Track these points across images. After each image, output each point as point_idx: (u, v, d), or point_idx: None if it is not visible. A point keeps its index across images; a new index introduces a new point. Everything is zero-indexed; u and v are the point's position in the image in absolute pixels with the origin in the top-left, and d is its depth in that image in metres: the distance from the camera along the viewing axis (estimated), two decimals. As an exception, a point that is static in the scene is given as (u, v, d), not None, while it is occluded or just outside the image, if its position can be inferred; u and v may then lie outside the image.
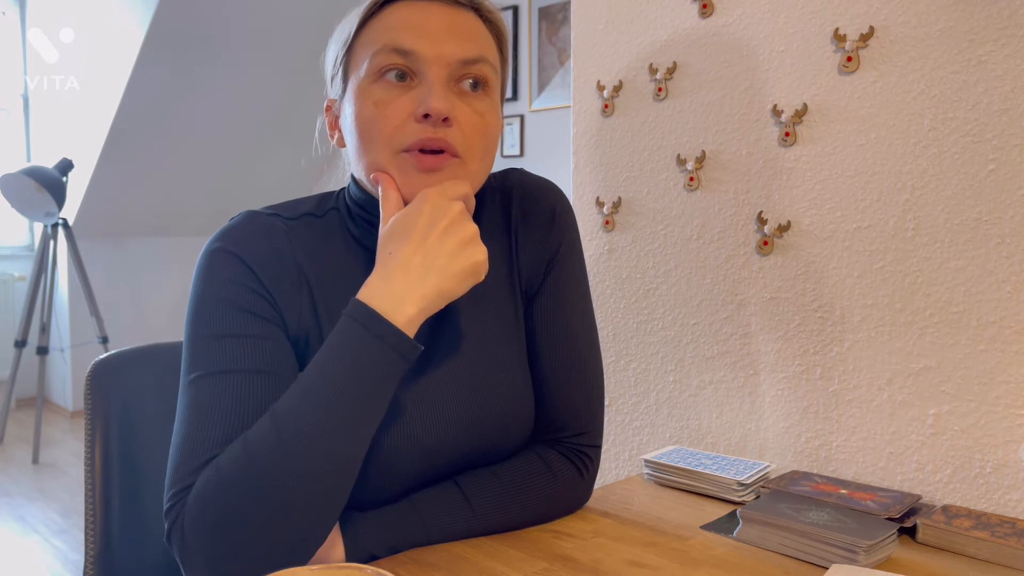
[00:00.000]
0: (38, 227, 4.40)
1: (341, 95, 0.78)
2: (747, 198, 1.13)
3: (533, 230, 0.86)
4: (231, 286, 0.72)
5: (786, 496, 0.89)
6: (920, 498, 0.92)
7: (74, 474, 3.35)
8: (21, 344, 3.62)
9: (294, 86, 4.02)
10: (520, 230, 0.86)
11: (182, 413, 0.70)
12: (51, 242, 3.60)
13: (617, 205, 1.29)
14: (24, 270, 4.49)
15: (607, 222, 1.31)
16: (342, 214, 0.82)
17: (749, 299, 1.14)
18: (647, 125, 1.25)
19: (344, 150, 0.80)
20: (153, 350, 0.95)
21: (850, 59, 1.01)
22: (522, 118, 3.67)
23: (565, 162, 1.50)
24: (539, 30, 3.59)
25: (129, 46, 3.54)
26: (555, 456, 0.83)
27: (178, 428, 0.70)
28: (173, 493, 0.67)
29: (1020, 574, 0.76)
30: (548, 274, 0.85)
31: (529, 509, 0.82)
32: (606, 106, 1.30)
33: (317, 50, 0.84)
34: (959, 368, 0.94)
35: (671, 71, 1.20)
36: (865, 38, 1.00)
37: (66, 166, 3.50)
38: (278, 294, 0.74)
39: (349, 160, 0.79)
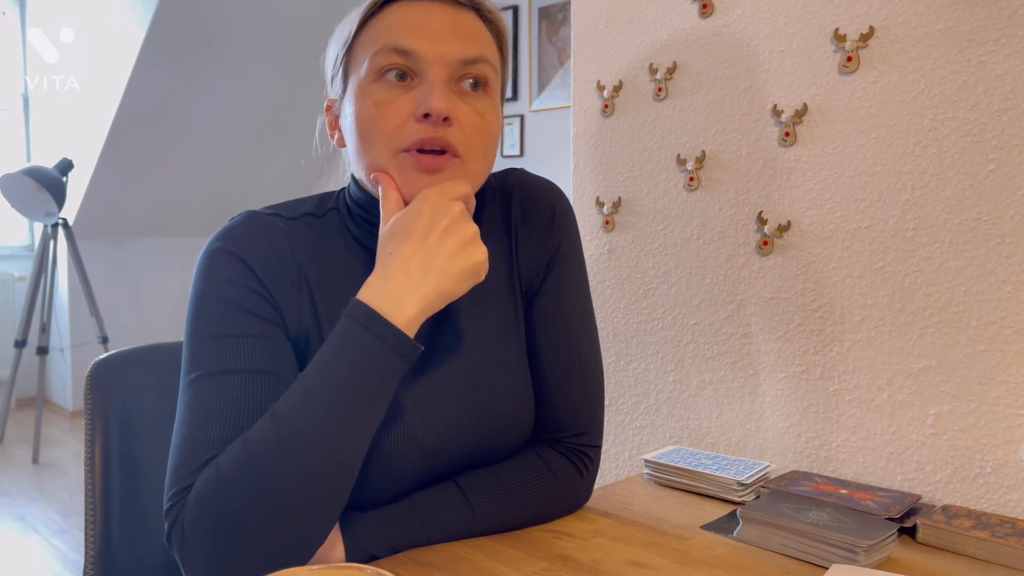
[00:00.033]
0: (38, 227, 4.40)
1: (341, 95, 0.78)
2: (747, 198, 1.13)
3: (533, 230, 0.86)
4: (231, 286, 0.72)
5: (786, 496, 0.89)
6: (920, 498, 0.92)
7: (74, 474, 3.35)
8: (21, 344, 3.62)
9: (294, 86, 4.02)
10: (520, 230, 0.86)
11: (182, 413, 0.70)
12: (51, 242, 3.60)
13: (617, 205, 1.29)
14: (24, 270, 4.49)
15: (607, 222, 1.31)
16: (342, 214, 0.82)
17: (749, 299, 1.14)
18: (647, 125, 1.25)
19: (344, 150, 0.80)
20: (153, 350, 0.95)
21: (850, 59, 1.01)
22: (522, 118, 3.67)
23: (565, 162, 1.50)
24: (539, 30, 3.59)
25: (129, 46, 3.54)
26: (555, 456, 0.83)
27: (178, 428, 0.70)
28: (173, 493, 0.67)
29: (1020, 574, 0.76)
30: (548, 274, 0.85)
31: (529, 509, 0.82)
32: (606, 106, 1.30)
33: (317, 50, 0.84)
34: (959, 368, 0.94)
35: (671, 71, 1.20)
36: (865, 38, 1.00)
37: (66, 166, 3.51)
38: (278, 294, 0.74)
39: (349, 160, 0.79)
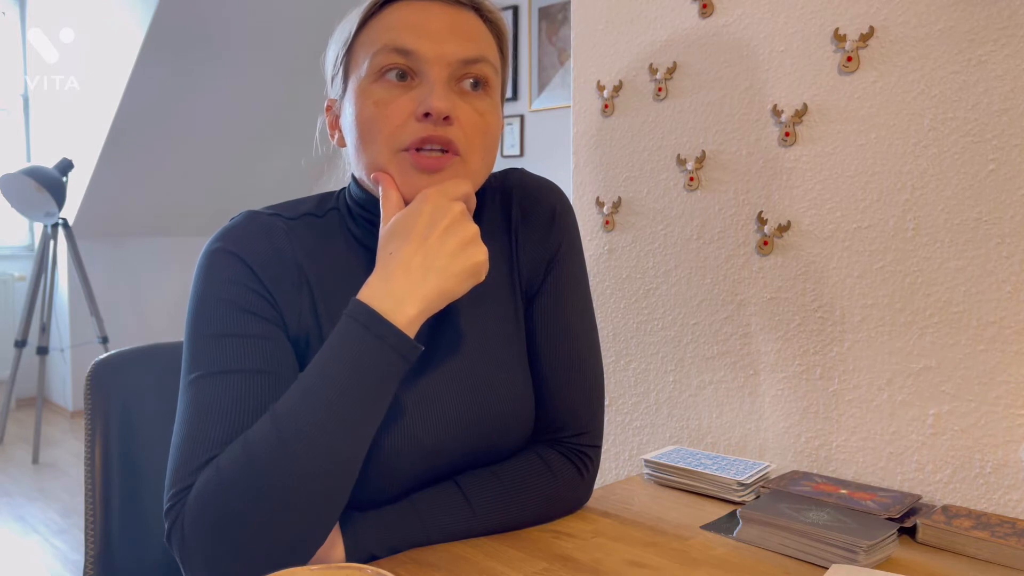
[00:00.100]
0: (38, 227, 4.40)
1: (341, 95, 0.78)
2: (747, 198, 1.13)
3: (533, 230, 0.86)
4: (231, 286, 0.72)
5: (786, 496, 0.89)
6: (920, 498, 0.92)
7: (74, 474, 3.35)
8: (21, 344, 3.62)
9: (294, 86, 4.02)
10: (520, 230, 0.86)
11: (182, 413, 0.70)
12: (51, 242, 3.60)
13: (617, 205, 1.29)
14: (24, 270, 4.49)
15: (607, 222, 1.31)
16: (342, 214, 0.82)
17: (749, 299, 1.14)
18: (647, 125, 1.25)
19: (344, 150, 0.80)
20: (153, 350, 0.95)
21: (850, 59, 1.01)
22: (522, 118, 3.67)
23: (565, 162, 1.50)
24: (539, 30, 3.59)
25: (129, 46, 3.54)
26: (555, 456, 0.83)
27: (178, 428, 0.70)
28: (173, 493, 0.67)
29: (1020, 574, 0.76)
30: (548, 274, 0.85)
31: (529, 509, 0.82)
32: (606, 106, 1.30)
33: (317, 50, 0.85)
34: (959, 368, 0.94)
35: (671, 71, 1.20)
36: (865, 38, 1.00)
37: (66, 166, 3.51)
38: (278, 294, 0.74)
39: (349, 160, 0.79)
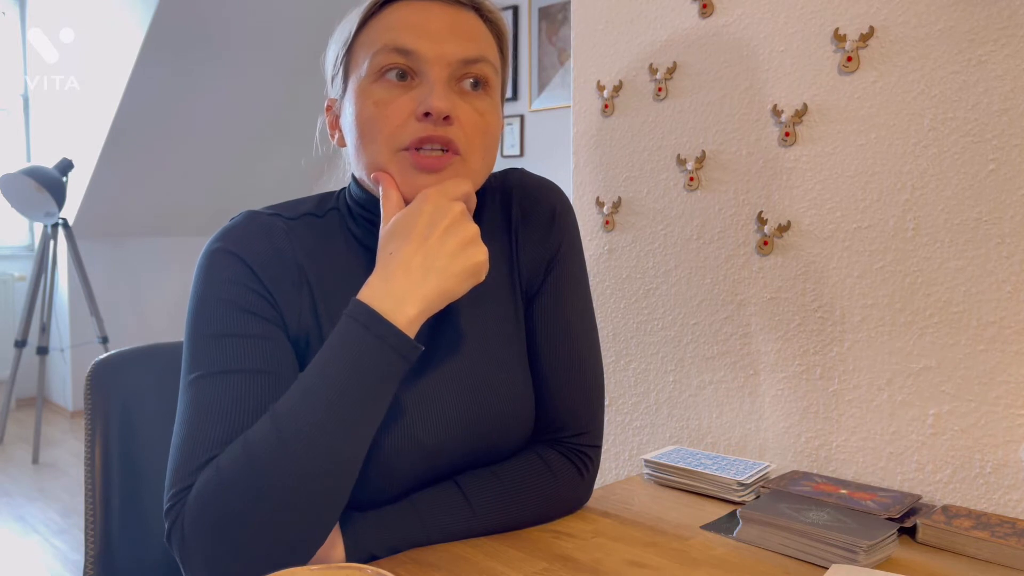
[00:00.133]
0: (38, 227, 4.40)
1: (341, 95, 0.78)
2: (747, 198, 1.13)
3: (533, 230, 0.86)
4: (231, 286, 0.72)
5: (786, 496, 0.89)
6: (920, 498, 0.92)
7: (74, 474, 3.35)
8: (21, 344, 3.62)
9: (294, 86, 4.02)
10: (520, 230, 0.86)
11: (182, 413, 0.70)
12: (51, 242, 3.60)
13: (617, 205, 1.29)
14: (24, 270, 4.49)
15: (607, 222, 1.31)
16: (343, 214, 0.82)
17: (749, 299, 1.14)
18: (647, 125, 1.25)
19: (344, 150, 0.80)
20: (153, 350, 0.95)
21: (850, 59, 1.01)
22: (522, 118, 3.67)
23: (565, 162, 1.50)
24: (539, 30, 3.59)
25: (129, 46, 3.54)
26: (555, 456, 0.83)
27: (178, 428, 0.70)
28: (173, 493, 0.67)
29: (1020, 574, 0.76)
30: (548, 274, 0.85)
31: (529, 509, 0.81)
32: (606, 106, 1.30)
33: (317, 50, 0.84)
34: (959, 368, 0.94)
35: (671, 71, 1.20)
36: (865, 38, 1.00)
37: (66, 166, 3.50)
38: (278, 294, 0.74)
39: (349, 160, 0.79)
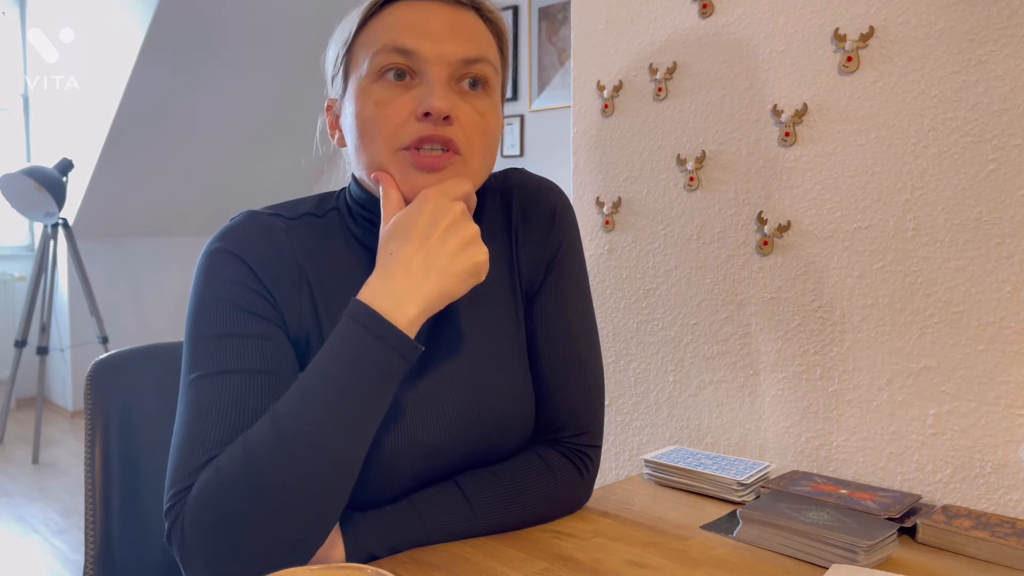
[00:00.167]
0: (38, 227, 4.40)
1: (342, 95, 0.78)
2: (747, 198, 1.13)
3: (533, 230, 0.86)
4: (231, 286, 0.72)
5: (786, 496, 0.89)
6: (920, 498, 0.92)
7: (74, 474, 3.35)
8: (21, 344, 3.62)
9: (294, 86, 4.02)
10: (520, 230, 0.86)
11: (182, 413, 0.70)
12: (51, 242, 3.60)
13: (617, 205, 1.29)
14: (24, 270, 4.49)
15: (607, 222, 1.31)
16: (343, 214, 0.82)
17: (749, 299, 1.14)
18: (647, 125, 1.25)
19: (345, 150, 0.80)
20: (153, 350, 0.95)
21: (850, 59, 1.01)
22: (522, 118, 3.67)
23: (565, 162, 1.50)
24: (539, 30, 3.59)
25: (129, 46, 3.54)
26: (555, 456, 0.83)
27: (178, 428, 0.70)
28: (173, 493, 0.67)
29: (1020, 574, 0.76)
30: (548, 274, 0.85)
31: (529, 509, 0.82)
32: (606, 106, 1.30)
33: (317, 50, 0.85)
34: (959, 368, 0.94)
35: (671, 71, 1.20)
36: (865, 38, 1.00)
37: (66, 166, 3.50)
38: (278, 294, 0.74)
39: (350, 160, 0.79)
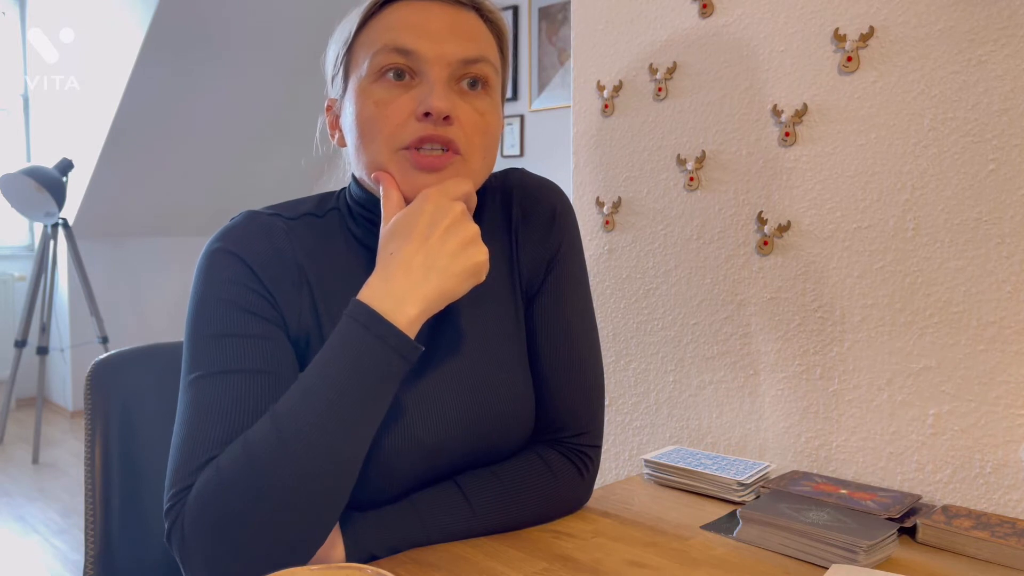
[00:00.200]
0: (38, 227, 4.40)
1: (342, 95, 0.78)
2: (747, 198, 1.13)
3: (534, 230, 0.86)
4: (232, 286, 0.72)
5: (786, 496, 0.89)
6: (920, 498, 0.92)
7: (74, 474, 3.35)
8: (21, 344, 3.62)
9: (294, 86, 4.02)
10: (521, 230, 0.86)
11: (182, 413, 0.70)
12: (51, 242, 3.60)
13: (617, 205, 1.29)
14: (24, 270, 4.49)
15: (607, 222, 1.31)
16: (343, 214, 0.82)
17: (749, 299, 1.14)
18: (647, 125, 1.25)
19: (345, 150, 0.80)
20: (153, 350, 0.95)
21: (850, 59, 1.01)
22: (522, 118, 3.67)
23: (565, 162, 1.50)
24: (539, 30, 3.59)
25: (129, 46, 3.54)
26: (555, 456, 0.83)
27: (178, 428, 0.70)
28: (173, 493, 0.67)
29: (1020, 574, 0.76)
30: (549, 274, 0.85)
31: (529, 509, 0.82)
32: (606, 106, 1.30)
33: (317, 50, 0.85)
34: (959, 368, 0.94)
35: (671, 71, 1.20)
36: (865, 38, 1.00)
37: (66, 166, 3.50)
38: (279, 294, 0.74)
39: (350, 160, 0.79)
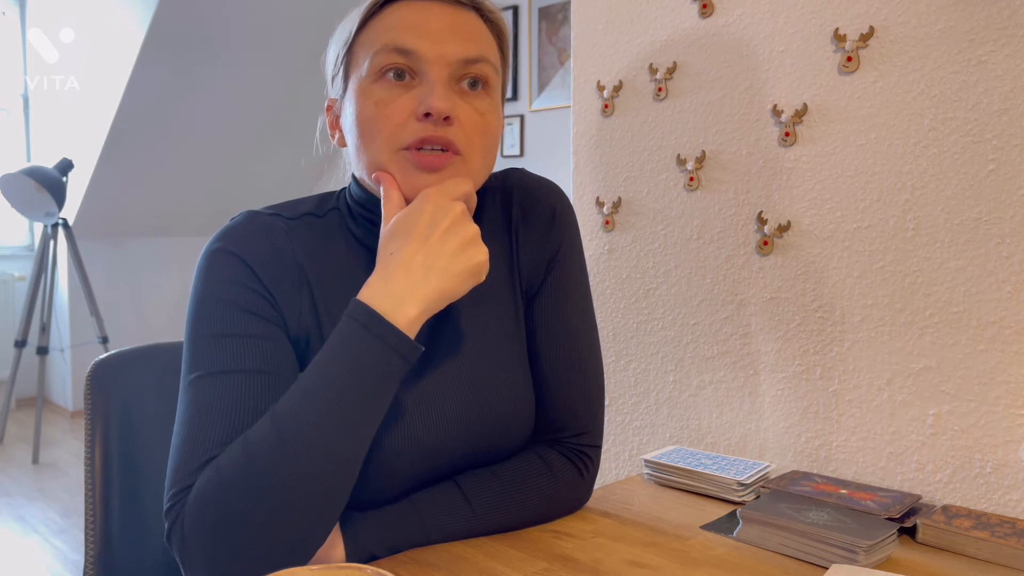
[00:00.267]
0: (38, 227, 4.40)
1: (342, 95, 0.78)
2: (747, 198, 1.13)
3: (534, 230, 0.86)
4: (232, 286, 0.72)
5: (786, 496, 0.89)
6: (920, 498, 0.92)
7: (74, 474, 3.35)
8: (21, 344, 3.62)
9: (294, 86, 4.02)
10: (521, 230, 0.86)
11: (182, 413, 0.70)
12: (51, 242, 3.60)
13: (617, 205, 1.29)
14: (24, 270, 4.49)
15: (607, 222, 1.31)
16: (343, 214, 0.82)
17: (749, 299, 1.14)
18: (647, 125, 1.25)
19: (345, 150, 0.80)
20: (153, 350, 0.95)
21: (850, 59, 1.01)
22: (522, 118, 3.67)
23: (565, 162, 1.50)
24: (539, 30, 3.59)
25: (129, 46, 3.54)
26: (555, 456, 0.83)
27: (178, 428, 0.70)
28: (173, 493, 0.67)
29: (1020, 574, 0.76)
30: (549, 274, 0.85)
31: (529, 509, 0.82)
32: (606, 106, 1.30)
33: (317, 50, 0.85)
34: (959, 368, 0.94)
35: (671, 71, 1.20)
36: (865, 38, 1.00)
37: (66, 166, 3.50)
38: (279, 294, 0.74)
39: (350, 160, 0.79)
